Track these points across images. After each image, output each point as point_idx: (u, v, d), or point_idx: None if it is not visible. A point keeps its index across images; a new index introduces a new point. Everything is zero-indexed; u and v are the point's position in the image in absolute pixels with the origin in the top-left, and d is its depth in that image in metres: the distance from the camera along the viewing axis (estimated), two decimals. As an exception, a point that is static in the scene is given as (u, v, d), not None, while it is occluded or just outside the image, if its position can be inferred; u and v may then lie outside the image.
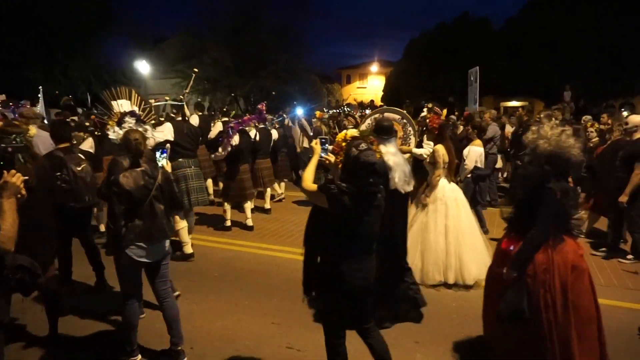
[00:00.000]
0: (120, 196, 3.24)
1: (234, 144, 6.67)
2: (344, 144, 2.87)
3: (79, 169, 4.45)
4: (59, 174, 4.26)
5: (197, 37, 24.67)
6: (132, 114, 4.44)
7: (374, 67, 38.10)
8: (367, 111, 16.01)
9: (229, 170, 7.12)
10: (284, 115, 11.40)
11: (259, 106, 7.45)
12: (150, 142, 5.41)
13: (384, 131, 3.91)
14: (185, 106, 6.16)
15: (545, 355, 2.94)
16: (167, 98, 6.39)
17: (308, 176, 2.91)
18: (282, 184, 9.63)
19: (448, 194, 5.10)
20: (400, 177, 3.77)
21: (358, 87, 40.39)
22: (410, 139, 5.91)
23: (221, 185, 8.16)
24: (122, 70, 25.41)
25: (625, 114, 6.71)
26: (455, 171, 5.59)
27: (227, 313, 4.38)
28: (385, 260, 3.57)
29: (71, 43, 22.56)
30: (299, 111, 11.31)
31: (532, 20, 25.64)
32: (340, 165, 2.85)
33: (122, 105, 4.57)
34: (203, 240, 6.80)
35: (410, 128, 5.94)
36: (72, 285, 4.90)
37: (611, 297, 4.71)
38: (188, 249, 5.89)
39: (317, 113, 11.75)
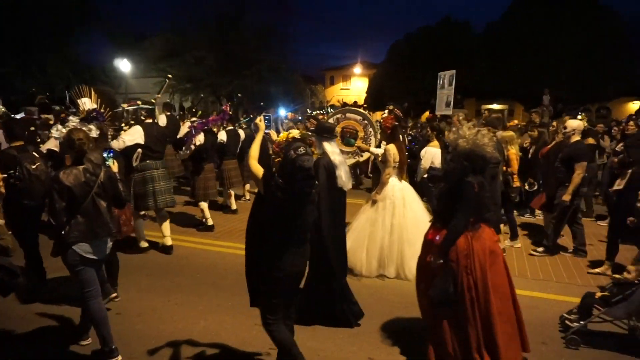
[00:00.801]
0: (61, 192, 3.31)
1: (197, 143, 6.76)
2: (284, 144, 3.10)
3: (34, 167, 4.51)
4: (12, 172, 4.34)
5: (180, 35, 24.37)
6: (96, 112, 4.54)
7: (358, 69, 38.23)
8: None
9: (194, 169, 7.26)
10: (252, 116, 11.54)
11: (223, 107, 7.57)
12: (120, 145, 5.55)
13: (326, 131, 4.16)
14: (156, 109, 6.32)
15: (469, 333, 3.23)
16: (140, 102, 6.46)
17: (254, 153, 3.13)
18: (247, 185, 9.66)
19: (397, 194, 5.36)
20: (346, 175, 4.04)
21: (341, 89, 40.52)
22: (370, 139, 6.08)
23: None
24: (102, 68, 24.93)
25: (567, 118, 7.25)
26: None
27: (209, 314, 4.33)
28: (328, 256, 3.96)
29: (47, 37, 21.99)
30: (282, 112, 11.38)
31: (513, 25, 26.11)
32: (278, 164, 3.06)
33: (85, 103, 4.63)
34: (185, 241, 6.73)
35: (370, 129, 6.14)
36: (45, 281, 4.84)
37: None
38: (143, 244, 6.15)
39: (289, 114, 11.86)
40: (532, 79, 23.45)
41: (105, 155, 3.84)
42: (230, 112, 7.65)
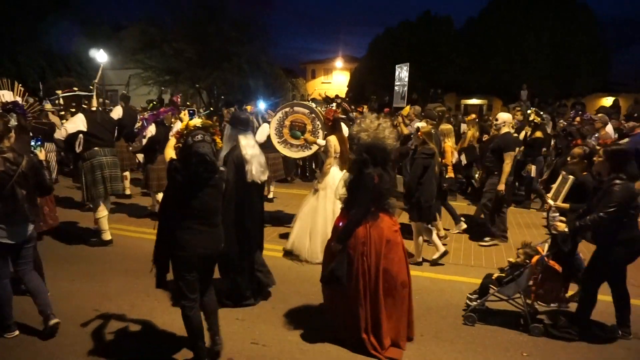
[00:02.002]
0: None
1: (149, 135, 6.80)
2: (185, 131, 3.32)
3: None
4: None
5: (158, 26, 23.84)
6: (14, 104, 4.55)
7: (339, 63, 38.15)
8: (333, 106, 16.07)
9: (147, 160, 7.32)
10: (212, 109, 11.58)
11: (174, 98, 7.59)
12: (63, 133, 5.75)
13: (241, 123, 4.27)
14: (94, 97, 6.44)
15: (359, 314, 3.50)
16: (76, 89, 6.49)
17: (170, 143, 3.48)
18: None
19: (338, 183, 5.42)
20: (257, 168, 4.14)
21: (323, 82, 40.38)
22: (318, 132, 6.25)
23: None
24: (77, 59, 24.27)
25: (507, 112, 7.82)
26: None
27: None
28: (242, 241, 4.18)
29: (17, 26, 21.22)
30: (262, 105, 11.30)
31: (491, 21, 26.44)
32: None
33: (4, 95, 4.63)
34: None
35: (318, 122, 6.29)
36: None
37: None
38: (107, 236, 6.17)
39: (248, 107, 11.82)
40: (510, 75, 23.83)
41: (32, 143, 4.09)
42: (191, 105, 7.77)
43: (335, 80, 40.13)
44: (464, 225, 6.89)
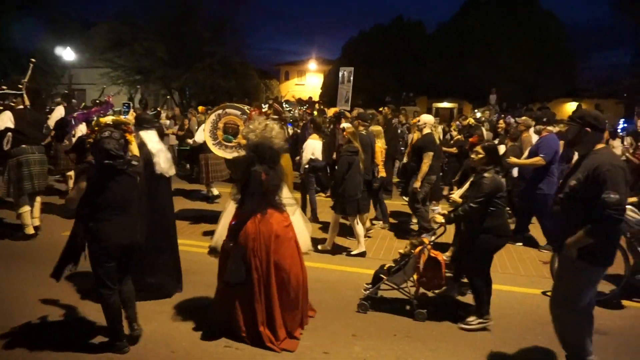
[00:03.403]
0: None
1: (79, 134, 6.65)
2: (96, 128, 3.51)
3: None
4: None
5: (129, 24, 23.33)
6: None
7: (313, 65, 38.21)
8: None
9: (77, 160, 7.20)
10: (158, 109, 11.59)
11: (106, 98, 7.55)
12: None
13: (144, 122, 4.52)
14: (24, 95, 6.40)
15: (256, 309, 3.60)
16: (5, 87, 6.48)
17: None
18: None
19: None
20: (164, 161, 4.28)
21: (296, 84, 40.36)
22: None
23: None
24: (42, 57, 23.41)
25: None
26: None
27: (160, 314, 4.20)
28: (155, 233, 4.27)
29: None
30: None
31: (462, 27, 27.06)
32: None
33: None
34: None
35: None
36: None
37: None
38: (29, 230, 6.19)
39: (200, 108, 11.87)
40: (479, 79, 24.42)
41: None
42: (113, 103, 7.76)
43: (309, 82, 40.17)
44: (387, 225, 7.23)
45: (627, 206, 4.29)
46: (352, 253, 6.01)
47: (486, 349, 3.80)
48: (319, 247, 6.10)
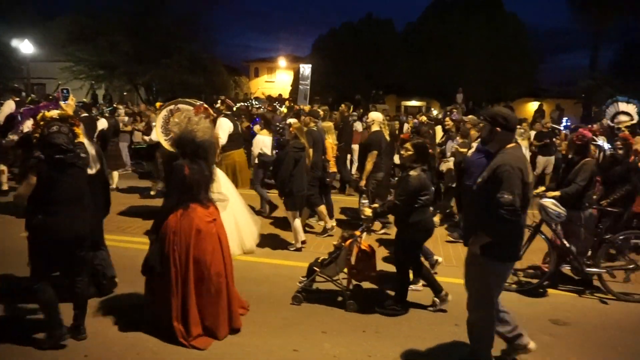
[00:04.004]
0: None
1: (25, 129, 6.50)
2: (42, 122, 3.43)
3: None
4: None
5: (91, 17, 22.51)
6: None
7: (283, 62, 37.93)
8: (276, 105, 16.07)
9: (25, 157, 6.97)
10: (114, 105, 11.49)
11: (56, 94, 7.40)
12: None
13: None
14: None
15: (172, 302, 3.62)
16: None
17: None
18: (115, 174, 9.38)
19: None
20: (90, 159, 4.14)
21: (266, 81, 40.03)
22: None
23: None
24: (-2, 49, 22.30)
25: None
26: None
27: (125, 316, 4.10)
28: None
29: None
30: None
31: (429, 26, 27.50)
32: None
33: None
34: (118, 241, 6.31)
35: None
36: None
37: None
38: None
39: (157, 104, 11.75)
40: (447, 78, 24.90)
41: None
42: (88, 100, 7.57)
43: (279, 79, 39.94)
44: (333, 222, 7.18)
45: (550, 200, 4.68)
46: (291, 249, 6.05)
47: (454, 343, 3.89)
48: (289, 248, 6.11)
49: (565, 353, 3.78)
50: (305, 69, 9.44)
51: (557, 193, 4.90)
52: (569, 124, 13.67)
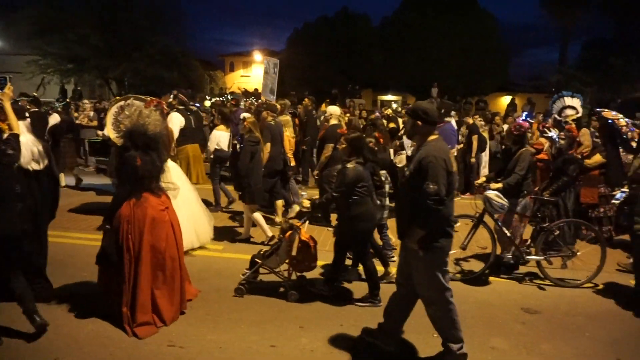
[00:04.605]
0: None
1: None
2: None
3: None
4: None
5: (59, 9, 21.78)
6: None
7: (258, 56, 37.59)
8: (252, 99, 15.92)
9: None
10: (67, 100, 11.36)
11: (5, 90, 7.29)
12: None
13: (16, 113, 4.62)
14: None
15: (122, 289, 3.70)
16: None
17: None
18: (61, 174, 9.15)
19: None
20: (27, 156, 4.06)
21: (242, 76, 39.60)
22: None
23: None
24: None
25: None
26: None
27: (97, 316, 3.99)
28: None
29: None
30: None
31: (405, 21, 27.67)
32: None
33: None
34: (72, 238, 6.16)
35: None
36: None
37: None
38: None
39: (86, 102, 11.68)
40: (421, 73, 25.15)
41: None
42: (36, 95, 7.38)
43: (254, 73, 39.50)
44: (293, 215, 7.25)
45: (494, 192, 4.85)
46: (265, 242, 5.97)
47: (432, 335, 3.94)
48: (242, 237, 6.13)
49: (537, 340, 3.87)
50: (271, 62, 9.35)
51: (499, 185, 5.07)
52: (524, 118, 14.13)
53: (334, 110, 7.05)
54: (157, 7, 23.77)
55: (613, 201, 4.69)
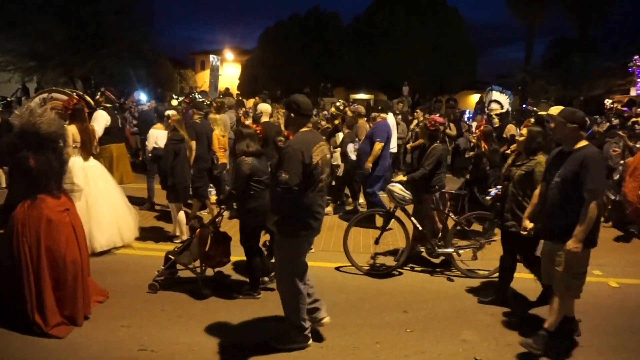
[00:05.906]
0: None
1: None
2: None
3: None
4: None
5: (18, 3, 20.90)
6: None
7: (230, 55, 37.18)
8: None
9: None
10: (8, 99, 11.19)
11: None
12: None
13: None
14: None
15: (25, 294, 3.57)
16: None
17: None
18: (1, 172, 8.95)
19: (78, 172, 5.40)
20: None
21: (213, 74, 39.17)
22: None
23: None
24: None
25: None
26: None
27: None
28: None
29: None
30: (142, 97, 10.81)
31: (376, 19, 27.89)
32: None
33: None
34: None
35: None
36: None
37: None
38: None
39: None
40: (393, 71, 25.42)
41: None
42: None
43: (226, 72, 39.02)
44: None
45: (397, 185, 5.03)
46: (176, 241, 5.95)
47: (404, 329, 3.99)
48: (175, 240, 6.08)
49: (505, 331, 3.97)
50: (215, 60, 9.41)
51: (403, 177, 5.22)
52: (470, 115, 14.74)
53: (264, 108, 7.11)
54: (125, 3, 23.14)
55: (486, 198, 4.81)
